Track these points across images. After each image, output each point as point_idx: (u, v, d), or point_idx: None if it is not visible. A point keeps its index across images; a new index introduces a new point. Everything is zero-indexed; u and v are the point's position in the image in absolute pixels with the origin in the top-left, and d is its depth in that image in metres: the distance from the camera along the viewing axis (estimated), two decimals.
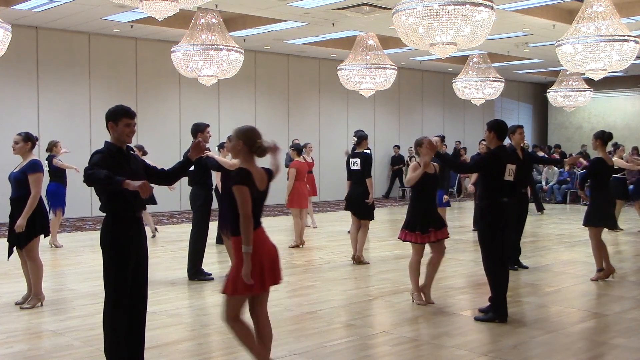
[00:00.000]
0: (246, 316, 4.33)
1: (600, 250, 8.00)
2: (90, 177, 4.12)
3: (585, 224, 8.04)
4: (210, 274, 8.13)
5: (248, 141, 4.19)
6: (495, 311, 6.08)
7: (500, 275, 6.13)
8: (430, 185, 6.64)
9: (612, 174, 8.55)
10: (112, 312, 4.32)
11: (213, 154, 7.94)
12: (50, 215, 10.94)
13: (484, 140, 8.90)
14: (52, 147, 10.96)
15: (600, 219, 7.97)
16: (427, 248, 6.71)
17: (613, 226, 8.18)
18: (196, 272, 8.07)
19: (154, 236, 11.87)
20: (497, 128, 6.23)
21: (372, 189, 9.08)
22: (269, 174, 4.36)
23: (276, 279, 4.28)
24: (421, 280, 6.74)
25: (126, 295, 4.33)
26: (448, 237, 6.81)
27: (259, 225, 4.20)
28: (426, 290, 6.75)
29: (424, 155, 6.39)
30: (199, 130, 7.97)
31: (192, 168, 7.86)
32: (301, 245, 10.81)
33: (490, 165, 6.18)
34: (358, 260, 9.15)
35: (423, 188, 6.59)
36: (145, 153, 11.34)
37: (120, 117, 4.41)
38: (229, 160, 7.81)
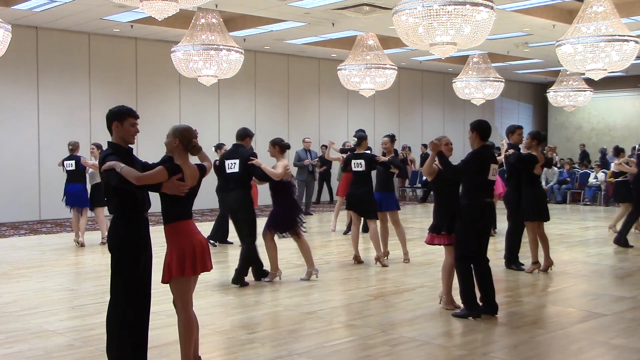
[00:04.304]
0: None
1: (535, 244, 8.45)
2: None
3: (524, 219, 8.46)
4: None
5: (184, 140, 4.41)
6: (469, 307, 6.16)
7: (468, 273, 6.17)
8: (450, 184, 6.50)
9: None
10: (121, 313, 4.31)
11: (260, 162, 7.62)
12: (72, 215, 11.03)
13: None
14: (77, 147, 11.08)
15: (534, 214, 8.39)
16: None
17: (546, 218, 8.57)
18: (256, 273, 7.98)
19: (81, 245, 10.93)
20: (480, 128, 6.33)
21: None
22: (202, 171, 4.56)
23: (206, 267, 4.45)
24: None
25: (135, 296, 4.33)
26: None
27: (190, 217, 4.43)
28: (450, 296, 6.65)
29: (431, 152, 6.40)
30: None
31: (235, 170, 7.78)
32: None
33: (476, 165, 6.24)
34: (378, 259, 8.90)
35: (442, 188, 6.49)
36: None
37: (125, 117, 4.41)
38: (275, 171, 7.61)
